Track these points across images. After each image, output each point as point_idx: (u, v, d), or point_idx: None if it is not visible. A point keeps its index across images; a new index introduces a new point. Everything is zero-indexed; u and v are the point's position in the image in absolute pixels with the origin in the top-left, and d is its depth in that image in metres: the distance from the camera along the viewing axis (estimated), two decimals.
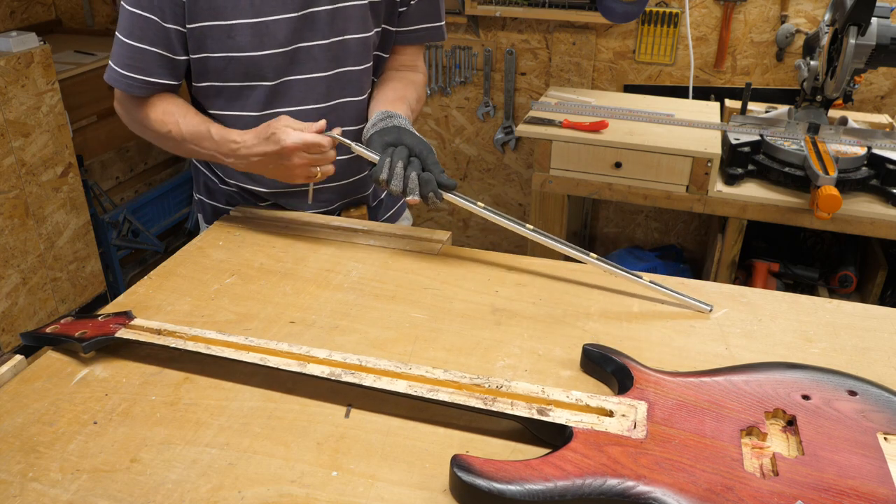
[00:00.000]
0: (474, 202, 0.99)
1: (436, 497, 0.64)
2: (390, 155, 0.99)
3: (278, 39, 1.06)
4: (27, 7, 2.83)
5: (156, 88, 1.10)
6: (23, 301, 2.23)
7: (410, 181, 0.97)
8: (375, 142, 1.03)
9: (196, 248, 1.09)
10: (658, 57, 2.49)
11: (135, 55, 1.06)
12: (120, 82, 1.08)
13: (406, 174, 0.97)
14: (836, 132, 1.92)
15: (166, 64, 1.08)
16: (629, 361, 0.76)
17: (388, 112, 1.08)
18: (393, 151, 0.99)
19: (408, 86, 1.23)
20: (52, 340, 0.84)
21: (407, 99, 1.18)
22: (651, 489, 0.60)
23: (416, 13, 1.21)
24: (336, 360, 0.76)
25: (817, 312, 0.93)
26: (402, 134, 1.03)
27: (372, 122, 1.08)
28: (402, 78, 1.24)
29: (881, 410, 0.69)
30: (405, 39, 1.23)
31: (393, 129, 1.04)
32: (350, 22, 1.10)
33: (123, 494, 0.64)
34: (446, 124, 2.84)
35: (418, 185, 0.97)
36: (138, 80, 1.07)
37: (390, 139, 1.02)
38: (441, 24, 1.25)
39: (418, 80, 1.27)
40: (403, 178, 0.97)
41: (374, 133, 1.06)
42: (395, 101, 1.15)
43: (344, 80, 1.14)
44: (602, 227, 2.79)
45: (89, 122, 2.54)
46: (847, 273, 2.09)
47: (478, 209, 0.98)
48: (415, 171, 0.97)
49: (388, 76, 1.25)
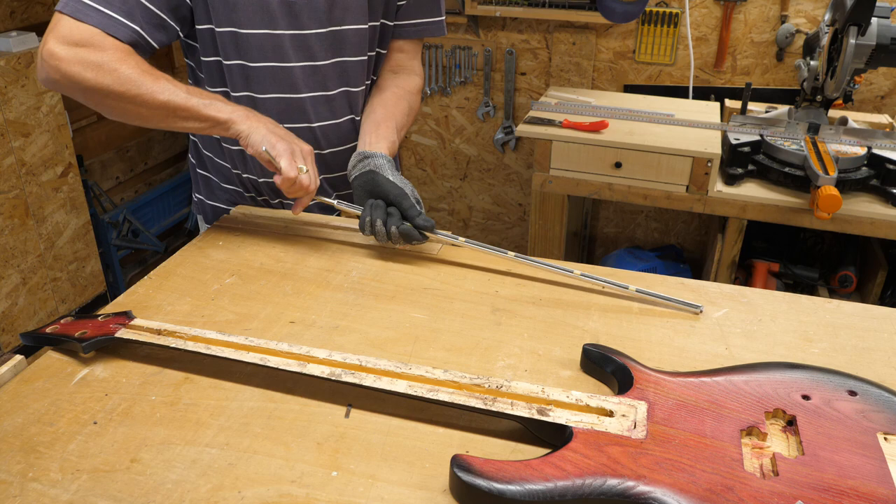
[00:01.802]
0: (455, 237, 1.04)
1: (436, 497, 0.64)
2: (370, 213, 1.04)
3: (279, 22, 1.07)
4: (27, 7, 2.83)
5: (135, 38, 0.99)
6: (23, 301, 2.23)
7: (392, 236, 1.02)
8: (357, 190, 1.09)
9: (196, 248, 1.09)
10: (658, 57, 2.49)
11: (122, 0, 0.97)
12: (92, 17, 0.95)
13: (387, 229, 1.02)
14: (836, 132, 1.92)
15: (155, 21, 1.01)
16: (629, 361, 0.76)
17: (364, 153, 1.11)
18: (372, 207, 1.04)
19: (399, 100, 1.23)
20: (52, 340, 0.84)
21: (395, 116, 1.20)
22: (651, 489, 0.60)
23: (415, 7, 1.21)
24: (336, 360, 0.76)
25: (817, 312, 0.93)
26: (377, 181, 1.06)
27: (352, 164, 1.12)
28: (397, 86, 1.25)
29: (881, 410, 0.69)
30: (403, 34, 1.23)
31: (368, 175, 1.07)
32: (348, 12, 1.11)
33: (123, 494, 0.64)
34: (446, 124, 2.84)
35: (400, 237, 1.02)
36: (118, 20, 0.97)
37: (368, 188, 1.07)
38: (441, 19, 1.25)
39: (413, 86, 1.27)
40: (385, 234, 1.02)
41: (354, 179, 1.10)
42: (380, 124, 1.17)
43: (340, 69, 1.15)
44: (602, 227, 2.79)
45: (89, 122, 2.54)
46: (847, 273, 2.09)
47: (460, 242, 1.04)
48: (394, 225, 1.02)
49: (383, 84, 1.26)
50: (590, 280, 0.98)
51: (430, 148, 2.90)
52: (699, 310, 0.92)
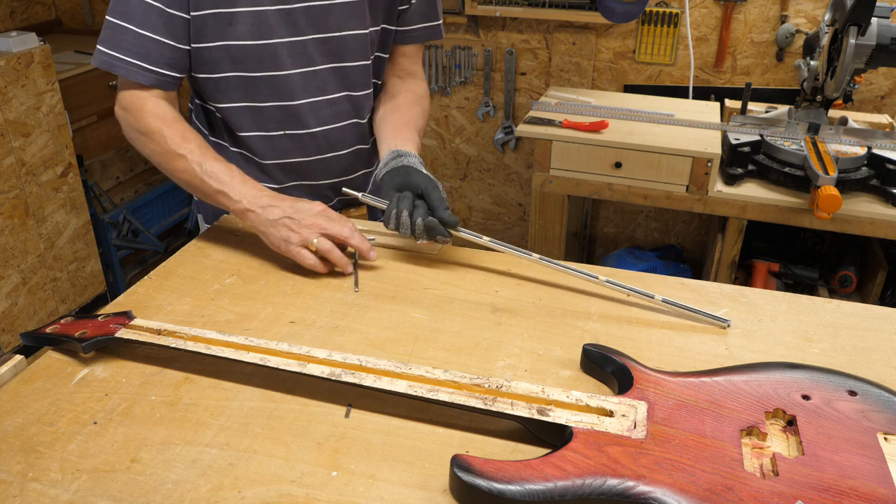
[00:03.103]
0: (479, 236, 1.01)
1: (436, 497, 0.64)
2: (396, 204, 1.02)
3: (276, 31, 1.07)
4: (27, 7, 2.83)
5: (157, 79, 1.06)
6: (23, 301, 2.23)
7: (417, 228, 1.00)
8: (386, 184, 1.07)
9: (196, 248, 1.09)
10: (658, 57, 2.49)
11: (138, 42, 1.03)
12: (119, 67, 1.04)
13: (413, 221, 1.00)
14: (836, 132, 1.92)
15: (168, 53, 1.05)
16: (629, 361, 0.76)
17: (398, 151, 1.11)
18: (399, 199, 1.02)
19: (412, 104, 1.24)
20: (52, 340, 0.84)
21: (413, 121, 1.20)
22: (651, 489, 0.60)
23: (415, 12, 1.21)
24: (336, 360, 0.76)
25: (817, 312, 0.93)
26: (409, 174, 1.05)
27: (384, 162, 1.10)
28: (408, 91, 1.26)
29: (881, 410, 0.69)
30: (406, 39, 1.24)
31: (401, 170, 1.07)
32: (347, 18, 1.11)
33: (123, 494, 0.64)
34: (446, 124, 2.84)
35: (425, 231, 1.00)
36: (139, 66, 1.04)
37: (399, 181, 1.05)
38: (439, 22, 1.26)
39: (421, 91, 1.28)
40: (410, 226, 1.00)
41: (385, 174, 1.08)
42: (401, 128, 1.17)
43: (342, 74, 1.15)
44: (602, 227, 2.79)
45: (89, 122, 2.54)
46: (847, 273, 2.09)
47: (483, 241, 1.01)
48: (420, 217, 1.00)
49: (392, 90, 1.26)
50: (615, 287, 0.95)
51: (430, 148, 2.90)
52: (727, 324, 0.90)
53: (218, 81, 1.11)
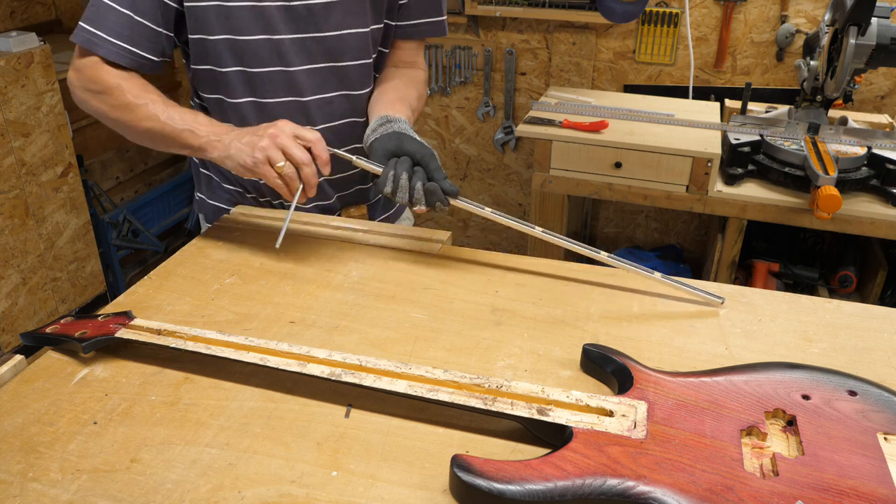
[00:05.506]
0: (481, 206, 0.98)
1: (436, 497, 0.64)
2: (393, 167, 0.97)
3: (275, 27, 1.07)
4: (27, 7, 2.83)
5: (137, 62, 1.05)
6: (23, 301, 2.23)
7: (416, 192, 0.96)
8: (377, 150, 1.02)
9: (196, 248, 1.09)
10: (658, 57, 2.49)
11: (123, 23, 1.02)
12: (101, 47, 1.02)
13: (411, 185, 0.96)
14: (836, 132, 1.92)
15: (154, 38, 1.04)
16: (629, 361, 0.76)
17: (387, 116, 1.06)
18: (396, 163, 0.98)
19: (409, 84, 1.21)
20: (52, 340, 0.84)
21: (408, 98, 1.17)
22: (651, 489, 0.60)
23: (416, 7, 1.21)
24: (336, 360, 0.76)
25: (817, 312, 0.93)
26: (403, 140, 1.01)
27: (372, 128, 1.06)
28: (403, 75, 1.24)
29: (881, 410, 0.69)
30: (405, 34, 1.23)
31: (394, 136, 1.02)
32: (348, 17, 1.10)
33: (123, 494, 0.64)
34: (446, 124, 2.84)
35: (424, 196, 0.96)
36: (124, 48, 1.03)
37: (392, 147, 1.00)
38: (442, 18, 1.25)
39: (419, 76, 1.27)
40: (409, 190, 0.96)
41: (374, 140, 1.04)
42: (395, 102, 1.13)
43: (342, 74, 1.15)
44: (602, 227, 2.79)
45: (89, 122, 2.54)
46: (847, 273, 2.09)
47: (485, 212, 0.98)
48: (419, 181, 0.96)
49: (389, 73, 1.24)
50: (616, 264, 0.96)
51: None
52: (721, 301, 0.92)
53: (213, 75, 1.11)
